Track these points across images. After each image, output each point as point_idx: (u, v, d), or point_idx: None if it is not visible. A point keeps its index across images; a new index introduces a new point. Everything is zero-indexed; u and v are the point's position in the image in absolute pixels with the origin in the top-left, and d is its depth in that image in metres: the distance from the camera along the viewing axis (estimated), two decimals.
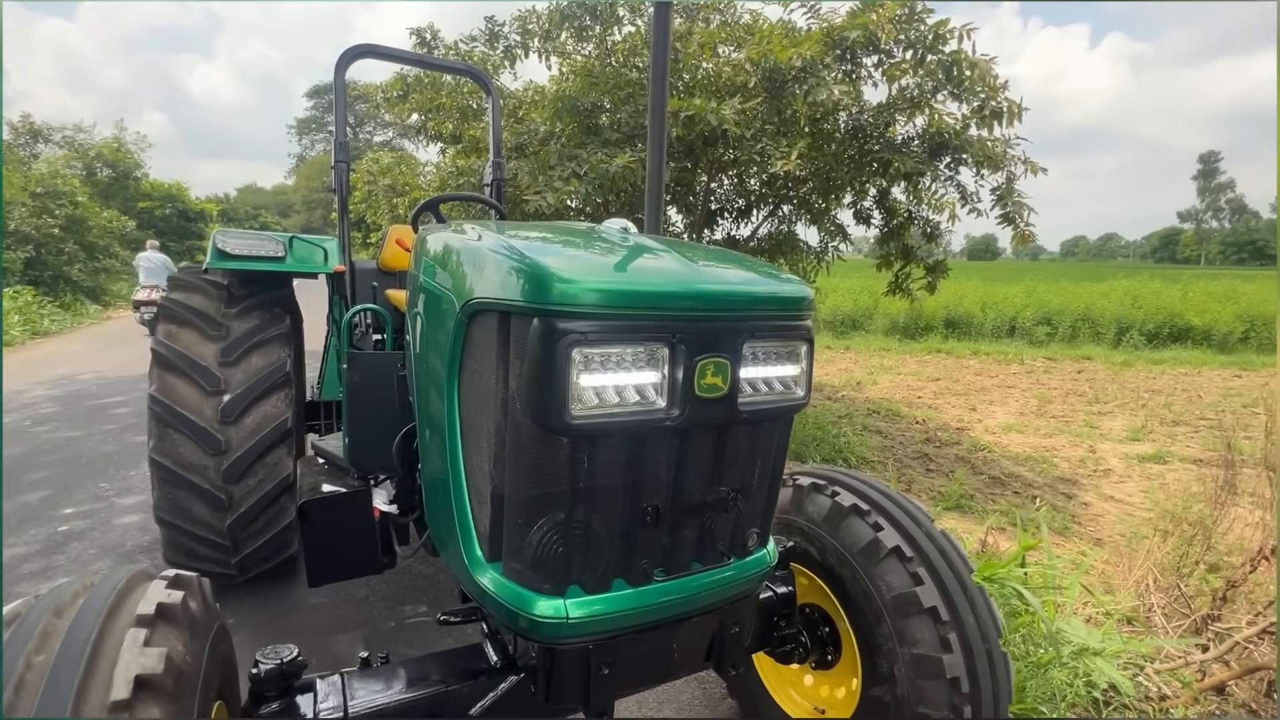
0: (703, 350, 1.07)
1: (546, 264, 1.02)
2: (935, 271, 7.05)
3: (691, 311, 1.08)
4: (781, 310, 1.20)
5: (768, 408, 1.19)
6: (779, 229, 7.43)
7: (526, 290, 1.01)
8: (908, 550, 1.57)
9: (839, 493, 1.75)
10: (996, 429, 8.19)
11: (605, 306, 1.00)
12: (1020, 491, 6.03)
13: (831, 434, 6.98)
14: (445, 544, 1.34)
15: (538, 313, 0.99)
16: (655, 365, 1.06)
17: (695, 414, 1.08)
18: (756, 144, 4.98)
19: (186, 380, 2.35)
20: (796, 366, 1.23)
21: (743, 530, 1.26)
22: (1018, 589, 2.29)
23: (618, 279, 1.06)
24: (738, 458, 1.22)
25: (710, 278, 1.16)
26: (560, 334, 0.97)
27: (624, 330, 1.02)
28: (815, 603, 1.82)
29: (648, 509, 1.11)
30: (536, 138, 6.28)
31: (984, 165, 5.41)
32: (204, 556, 2.46)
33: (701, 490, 1.18)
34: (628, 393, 1.04)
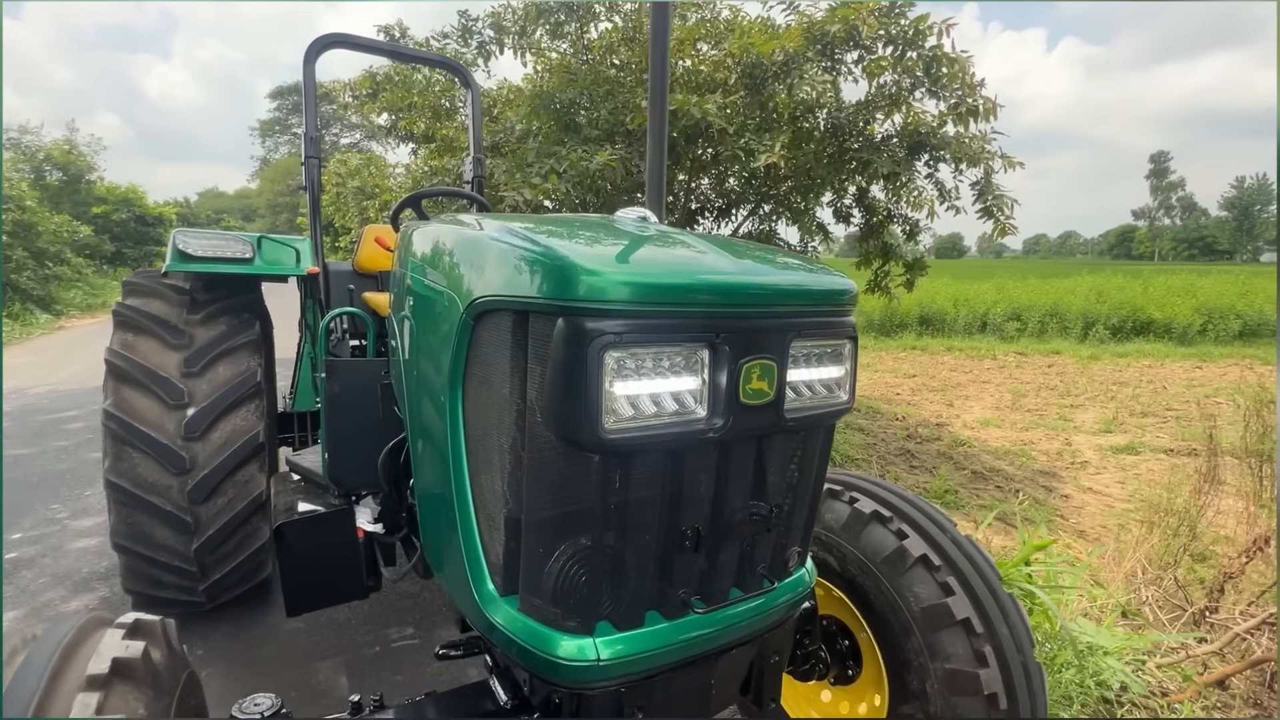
0: (748, 351, 0.96)
1: (569, 255, 0.90)
2: (914, 269, 7.08)
3: (736, 308, 0.96)
4: (828, 305, 1.10)
5: (813, 413, 1.09)
6: (759, 228, 7.39)
7: (547, 285, 0.88)
8: (935, 559, 1.49)
9: (858, 499, 1.66)
10: (974, 424, 8.28)
11: (639, 303, 0.88)
12: (1002, 486, 6.07)
13: None
14: (448, 573, 1.20)
15: (562, 311, 0.87)
16: (695, 370, 0.94)
17: (740, 423, 0.97)
18: (740, 139, 4.92)
19: (146, 393, 2.15)
20: (841, 367, 1.13)
21: (784, 549, 1.15)
22: (1029, 589, 2.24)
23: (652, 271, 0.94)
24: (781, 470, 1.11)
25: (754, 269, 1.05)
26: (590, 335, 0.84)
27: (662, 330, 0.90)
28: (834, 615, 1.73)
29: (687, 532, 0.99)
30: (513, 136, 6.13)
31: (963, 162, 5.44)
32: (168, 584, 2.26)
33: (743, 508, 1.07)
34: (665, 401, 0.92)
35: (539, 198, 4.79)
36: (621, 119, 5.42)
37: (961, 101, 5.27)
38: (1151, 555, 3.83)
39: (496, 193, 4.99)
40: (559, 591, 0.96)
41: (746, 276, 1.01)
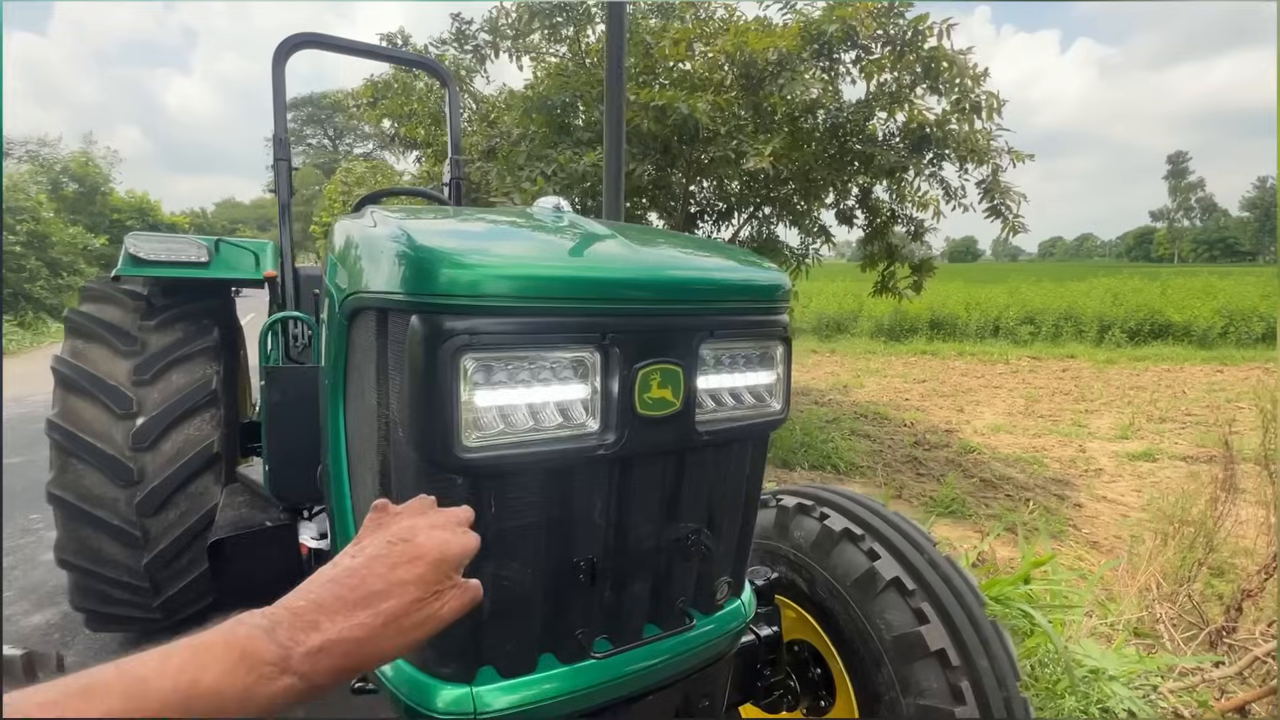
0: (645, 354, 0.83)
1: (432, 244, 0.77)
2: (921, 270, 6.91)
3: (628, 303, 0.83)
4: (751, 302, 0.97)
5: (736, 426, 0.95)
6: (759, 231, 7.27)
7: (405, 278, 0.76)
8: (909, 582, 1.35)
9: (828, 515, 1.53)
10: (985, 430, 8.06)
11: (511, 298, 0.75)
12: (1013, 494, 5.87)
13: (819, 439, 6.80)
14: None
15: (417, 307, 0.75)
16: (583, 376, 0.82)
17: (638, 438, 0.84)
18: (731, 141, 4.80)
19: (93, 402, 2.08)
20: (771, 372, 0.99)
21: (710, 580, 1.02)
22: (1026, 610, 2.08)
23: (529, 262, 0.82)
24: (699, 491, 0.97)
25: (655, 260, 0.92)
26: (444, 335, 0.72)
27: (537, 330, 0.78)
28: (805, 639, 1.59)
29: (580, 564, 0.86)
30: (508, 140, 6.07)
31: (968, 159, 5.27)
32: (120, 600, 2.18)
33: (652, 535, 0.93)
34: (546, 413, 0.80)
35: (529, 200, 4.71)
36: None
37: (964, 98, 5.12)
38: (1166, 569, 3.64)
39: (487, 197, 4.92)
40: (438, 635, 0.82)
41: (640, 268, 0.87)
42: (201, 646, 0.46)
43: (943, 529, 4.90)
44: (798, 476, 6.14)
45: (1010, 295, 17.94)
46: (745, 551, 1.11)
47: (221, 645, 0.46)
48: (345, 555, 0.58)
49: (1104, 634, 2.92)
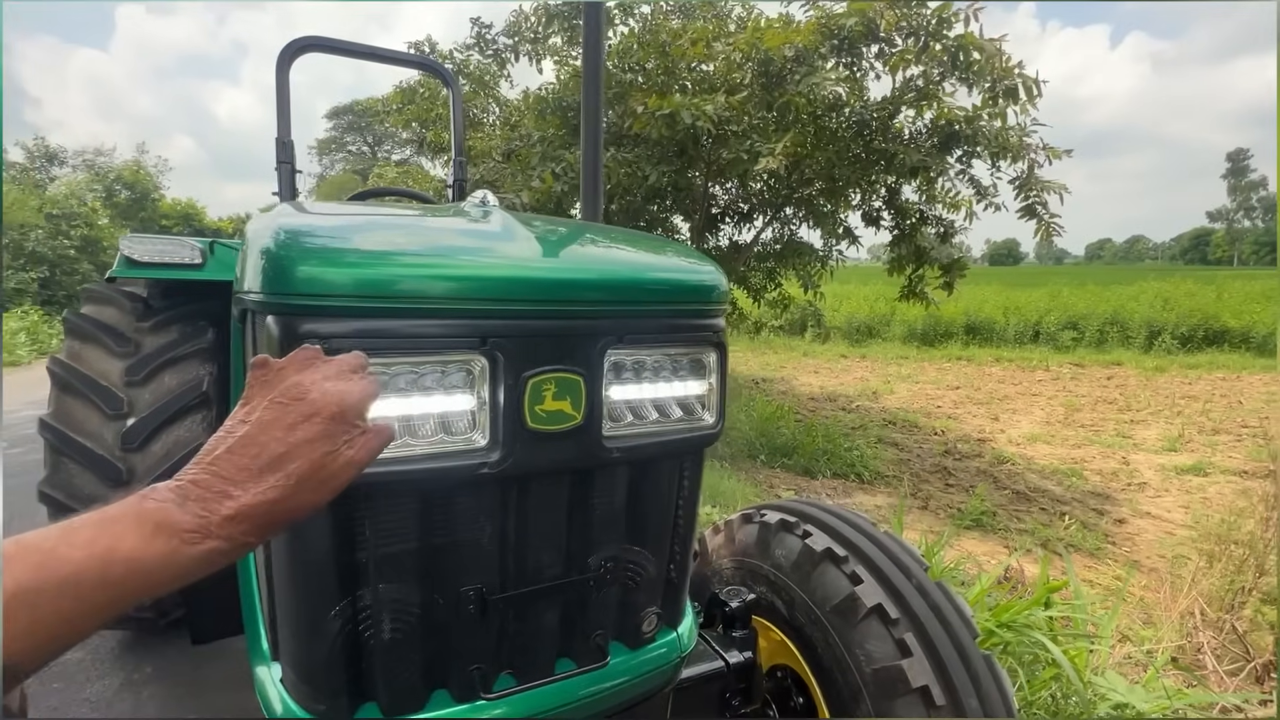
0: (536, 361, 0.74)
1: (294, 240, 0.70)
2: (952, 271, 6.65)
3: (514, 304, 0.74)
4: (673, 303, 0.86)
5: (658, 442, 0.86)
6: (782, 233, 7.11)
7: (263, 276, 0.68)
8: (893, 610, 1.24)
9: (811, 533, 1.42)
10: (1021, 439, 7.72)
11: (377, 298, 0.68)
12: (1048, 508, 5.58)
13: (844, 446, 6.60)
14: (243, 616, 1.02)
15: (272, 308, 0.68)
16: (469, 385, 0.74)
17: (529, 456, 0.75)
18: (744, 141, 4.68)
19: (85, 403, 2.09)
20: (701, 382, 0.89)
21: (634, 610, 0.93)
22: (1041, 639, 1.93)
23: (403, 259, 0.72)
24: (614, 513, 0.88)
25: (552, 256, 0.82)
26: (298, 338, 0.64)
27: (408, 333, 0.70)
28: (787, 664, 1.49)
29: (469, 594, 0.78)
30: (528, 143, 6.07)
31: (1000, 156, 5.03)
32: None
33: (558, 562, 0.84)
34: (425, 427, 0.72)
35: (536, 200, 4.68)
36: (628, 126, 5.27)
37: (997, 84, 4.86)
38: (1212, 593, 3.38)
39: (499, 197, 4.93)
40: (309, 662, 0.77)
41: (530, 266, 0.77)
42: (109, 519, 0.47)
43: (969, 543, 4.68)
44: (819, 485, 5.96)
45: (1052, 299, 17.26)
46: (680, 579, 1.01)
47: (132, 517, 0.47)
48: (236, 421, 0.56)
49: (1140, 663, 2.71)
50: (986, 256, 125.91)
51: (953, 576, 3.07)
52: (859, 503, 5.55)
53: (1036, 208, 5.25)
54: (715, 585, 1.56)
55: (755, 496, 5.07)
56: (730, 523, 1.64)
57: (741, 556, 1.55)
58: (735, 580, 1.55)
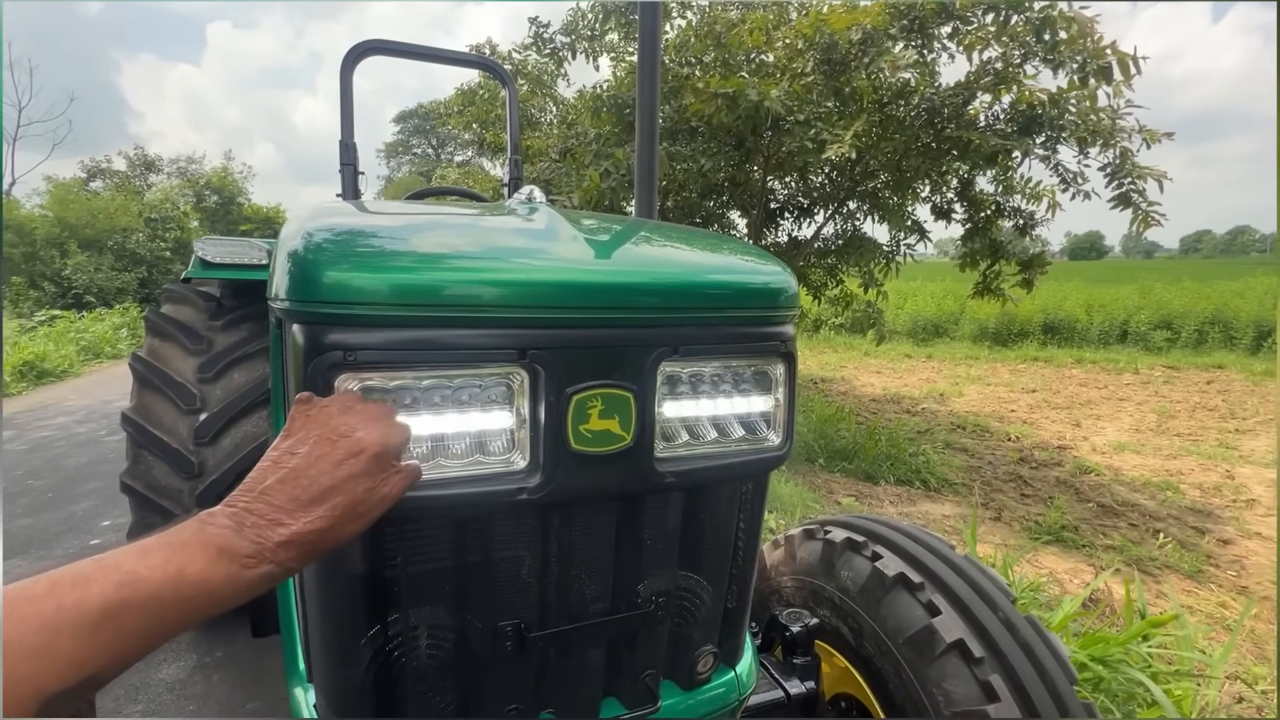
0: (580, 376, 0.67)
1: (322, 243, 0.65)
2: (1032, 267, 6.21)
3: (557, 313, 0.67)
4: (734, 310, 0.76)
5: (717, 465, 0.76)
6: (845, 228, 6.84)
7: (290, 282, 0.64)
8: (976, 648, 1.11)
9: (881, 555, 1.31)
10: (1106, 448, 7.16)
11: (407, 305, 0.62)
12: (1138, 524, 5.13)
13: (908, 451, 6.29)
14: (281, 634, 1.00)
15: (299, 317, 0.63)
16: (506, 401, 0.67)
17: (572, 480, 0.68)
18: (809, 129, 4.49)
19: (162, 398, 2.20)
20: (767, 398, 0.79)
21: (689, 649, 0.84)
22: (1141, 679, 1.72)
23: (435, 263, 0.66)
24: (666, 543, 0.79)
25: (599, 259, 0.73)
26: (323, 349, 0.60)
27: (440, 345, 0.63)
28: (851, 694, 1.37)
29: (506, 629, 0.71)
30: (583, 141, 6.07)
31: (1088, 142, 4.62)
32: None
33: (604, 596, 0.77)
34: (456, 447, 0.66)
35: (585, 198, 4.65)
36: (687, 116, 5.16)
37: (1087, 64, 4.46)
38: None
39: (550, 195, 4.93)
40: (340, 689, 0.72)
41: (574, 269, 0.69)
42: (177, 544, 0.52)
43: (1049, 560, 4.35)
44: (882, 491, 5.70)
45: (1142, 296, 15.97)
46: (740, 613, 0.92)
47: (198, 544, 0.53)
48: (283, 452, 0.61)
49: (1255, 705, 2.41)
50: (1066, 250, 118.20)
51: (1033, 598, 2.83)
52: (924, 511, 5.27)
53: (1132, 195, 4.80)
54: (775, 605, 1.47)
55: (814, 503, 4.89)
56: (791, 538, 1.54)
57: (804, 576, 1.45)
58: (796, 601, 1.45)
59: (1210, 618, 3.63)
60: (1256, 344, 13.29)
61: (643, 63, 1.51)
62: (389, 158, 54.12)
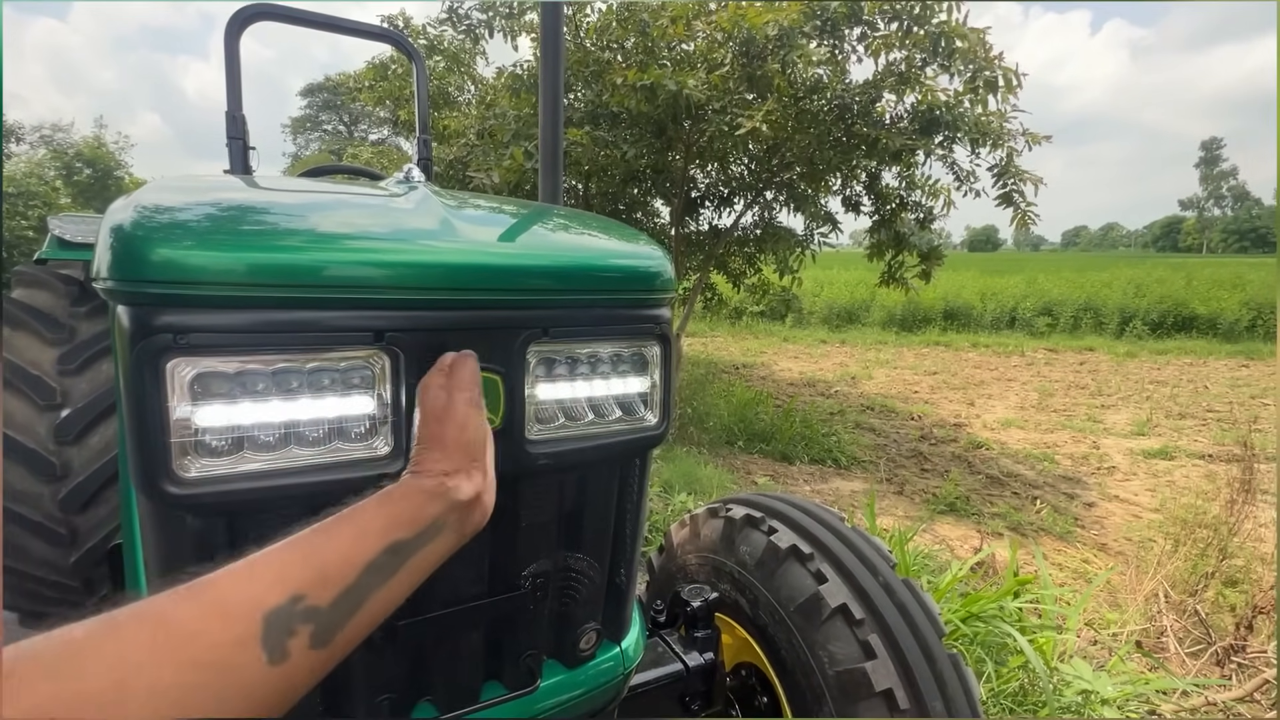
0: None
1: (155, 218, 0.60)
2: (930, 259, 6.66)
3: (415, 293, 0.65)
4: (607, 291, 0.77)
5: (594, 445, 0.78)
6: (763, 217, 7.05)
7: (114, 259, 0.59)
8: (858, 610, 1.20)
9: (777, 529, 1.38)
10: (995, 424, 7.82)
11: (249, 285, 0.58)
12: (1020, 492, 5.66)
13: (821, 432, 6.62)
14: None
15: (125, 297, 0.58)
16: (366, 386, 0.65)
17: None
18: (725, 115, 4.59)
19: (16, 394, 1.97)
20: (643, 379, 0.81)
21: (571, 627, 0.86)
22: (1009, 630, 1.91)
23: (280, 239, 0.62)
24: (543, 524, 0.80)
25: (463, 238, 0.71)
26: (150, 332, 0.56)
27: (289, 329, 0.60)
28: (751, 662, 1.44)
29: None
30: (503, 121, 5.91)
31: (979, 142, 5.00)
32: (50, 599, 2.08)
33: (478, 580, 0.77)
34: (311, 433, 0.63)
35: (507, 180, 4.55)
36: (605, 99, 5.14)
37: (978, 75, 4.83)
38: (1176, 577, 3.43)
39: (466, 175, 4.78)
40: None
41: (436, 249, 0.67)
42: (394, 499, 0.56)
43: (944, 528, 4.72)
44: (797, 471, 5.97)
45: (1028, 285, 17.49)
46: (625, 590, 0.95)
47: (419, 498, 0.56)
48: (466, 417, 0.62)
49: (1106, 647, 2.73)
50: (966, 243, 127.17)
51: (926, 564, 3.07)
52: (835, 488, 5.58)
53: (1013, 195, 5.25)
54: (679, 583, 1.51)
55: (732, 484, 5.05)
56: (696, 517, 1.59)
57: (707, 553, 1.50)
58: (700, 577, 1.50)
59: (1075, 573, 4.06)
60: (1120, 329, 14.87)
61: (545, 59, 1.49)
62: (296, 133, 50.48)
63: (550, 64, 1.49)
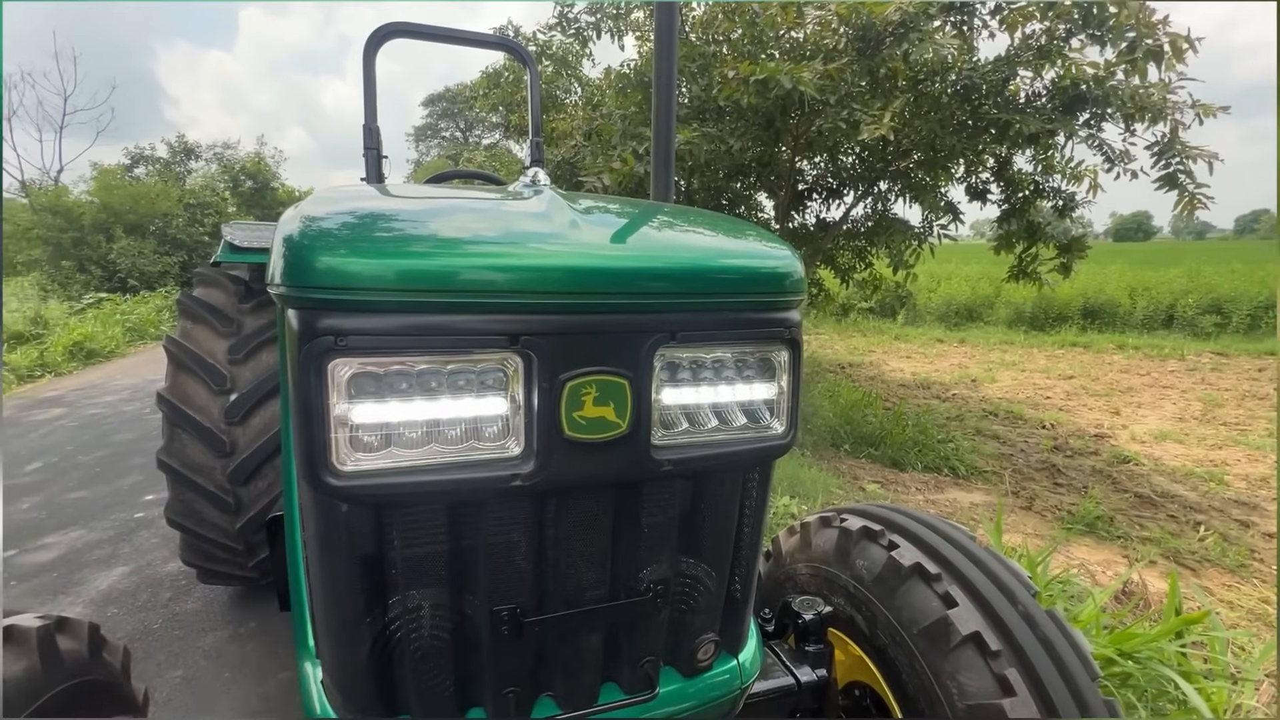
0: (574, 362, 0.66)
1: (315, 228, 0.65)
2: (1071, 251, 5.98)
3: (548, 297, 0.66)
4: (736, 295, 0.75)
5: (714, 453, 0.75)
6: (875, 209, 6.67)
7: (285, 267, 0.64)
8: (993, 641, 1.09)
9: (898, 544, 1.28)
10: (1146, 437, 6.92)
11: (399, 291, 0.62)
12: (1178, 515, 4.96)
13: (936, 438, 6.17)
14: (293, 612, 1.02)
15: (294, 302, 0.64)
16: (500, 387, 0.67)
17: (566, 468, 0.67)
18: (842, 110, 4.36)
19: (194, 379, 2.27)
20: (769, 385, 0.78)
21: (689, 637, 0.84)
22: (1171, 675, 1.67)
23: (426, 247, 0.65)
24: (665, 531, 0.78)
25: (597, 244, 0.71)
26: (314, 334, 0.60)
27: (433, 330, 0.63)
28: (865, 682, 1.36)
29: (501, 614, 0.72)
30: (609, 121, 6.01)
31: (1135, 117, 4.40)
32: (221, 559, 2.39)
33: (601, 583, 0.76)
34: (451, 434, 0.66)
35: (617, 181, 4.60)
36: (714, 94, 5.06)
37: (1137, 44, 4.23)
38: None
39: (577, 177, 4.89)
40: (344, 668, 0.74)
41: (568, 254, 0.68)
42: None
43: (1081, 550, 4.24)
44: (908, 478, 5.61)
45: (1190, 279, 15.29)
46: (743, 601, 0.91)
47: None
48: None
49: None
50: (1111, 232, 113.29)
51: (1062, 590, 2.77)
52: (952, 499, 5.18)
53: (1179, 177, 4.56)
54: (789, 592, 1.46)
55: (838, 489, 4.84)
56: (807, 525, 1.53)
57: (818, 564, 1.43)
58: (810, 588, 1.44)
59: (1251, 614, 3.50)
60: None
61: (660, 54, 1.48)
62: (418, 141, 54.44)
63: (664, 63, 1.49)
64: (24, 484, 4.44)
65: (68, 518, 3.81)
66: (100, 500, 4.09)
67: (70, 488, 4.34)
